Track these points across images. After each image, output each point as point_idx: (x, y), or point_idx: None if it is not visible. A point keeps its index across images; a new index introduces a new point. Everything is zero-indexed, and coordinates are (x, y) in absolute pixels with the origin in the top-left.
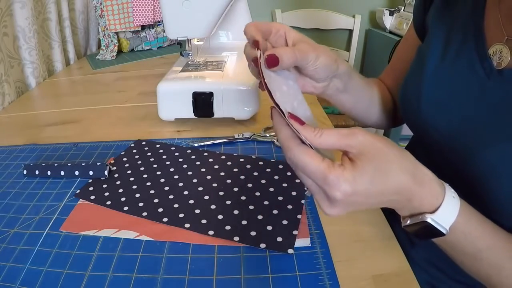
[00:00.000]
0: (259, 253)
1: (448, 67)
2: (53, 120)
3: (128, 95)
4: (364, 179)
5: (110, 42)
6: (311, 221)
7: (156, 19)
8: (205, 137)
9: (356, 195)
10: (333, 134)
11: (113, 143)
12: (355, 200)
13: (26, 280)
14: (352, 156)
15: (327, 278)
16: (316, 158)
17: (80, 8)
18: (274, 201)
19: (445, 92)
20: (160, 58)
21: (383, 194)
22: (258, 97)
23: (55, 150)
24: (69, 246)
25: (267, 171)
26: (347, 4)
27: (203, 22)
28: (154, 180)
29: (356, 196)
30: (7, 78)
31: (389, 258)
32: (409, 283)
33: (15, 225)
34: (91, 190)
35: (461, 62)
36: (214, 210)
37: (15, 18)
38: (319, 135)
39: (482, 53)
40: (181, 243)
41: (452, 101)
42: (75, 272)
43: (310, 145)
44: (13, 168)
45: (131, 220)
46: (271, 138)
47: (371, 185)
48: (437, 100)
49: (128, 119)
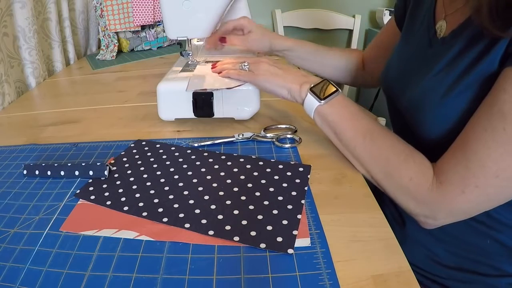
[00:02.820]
0: (259, 253)
1: (409, 47)
2: (53, 120)
3: (128, 95)
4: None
5: (110, 42)
6: (311, 221)
7: (156, 19)
8: (205, 137)
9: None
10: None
11: (113, 143)
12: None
13: (26, 280)
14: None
15: (327, 278)
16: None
17: (80, 8)
18: (274, 201)
19: (403, 65)
20: (160, 58)
21: (289, 68)
22: (258, 97)
23: (55, 150)
24: (69, 246)
25: (267, 171)
26: (347, 4)
27: (203, 22)
28: (154, 180)
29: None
30: (7, 78)
31: (389, 258)
32: (409, 283)
33: (15, 225)
34: (91, 190)
35: (418, 40)
36: (214, 210)
37: (15, 18)
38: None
39: (432, 30)
40: (181, 243)
41: (407, 72)
42: (75, 272)
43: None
44: (13, 168)
45: (131, 220)
46: (271, 138)
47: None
48: (397, 72)
49: (128, 119)
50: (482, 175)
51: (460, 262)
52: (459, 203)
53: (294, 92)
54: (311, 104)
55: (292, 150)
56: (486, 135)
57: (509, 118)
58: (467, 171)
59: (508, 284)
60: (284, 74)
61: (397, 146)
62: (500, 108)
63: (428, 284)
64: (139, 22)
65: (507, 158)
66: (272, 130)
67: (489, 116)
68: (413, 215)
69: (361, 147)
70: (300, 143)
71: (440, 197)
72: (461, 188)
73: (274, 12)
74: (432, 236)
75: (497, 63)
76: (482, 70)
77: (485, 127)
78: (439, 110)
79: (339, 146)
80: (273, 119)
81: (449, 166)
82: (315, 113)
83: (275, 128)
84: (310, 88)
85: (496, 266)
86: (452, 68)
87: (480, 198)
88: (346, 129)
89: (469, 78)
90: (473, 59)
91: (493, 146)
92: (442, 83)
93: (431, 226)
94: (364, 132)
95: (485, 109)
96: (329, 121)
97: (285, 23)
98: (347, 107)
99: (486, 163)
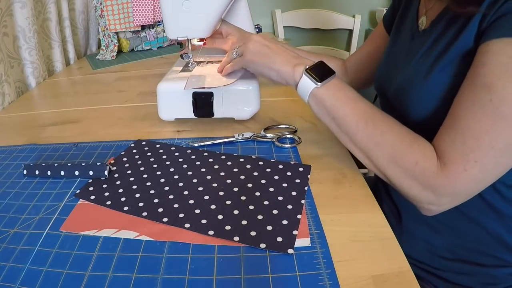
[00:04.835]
0: (259, 253)
1: (395, 46)
2: (53, 120)
3: (128, 95)
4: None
5: (110, 42)
6: (311, 221)
7: (156, 19)
8: (205, 137)
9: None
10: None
11: (113, 143)
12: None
13: (26, 280)
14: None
15: (327, 278)
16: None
17: (80, 8)
18: (274, 201)
19: (389, 62)
20: (160, 58)
21: (280, 47)
22: (258, 97)
23: (55, 150)
24: (69, 246)
25: (267, 171)
26: (347, 4)
27: (203, 22)
28: (154, 180)
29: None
30: (7, 78)
31: (389, 258)
32: (409, 283)
33: (15, 225)
34: (91, 190)
35: (403, 37)
36: (214, 210)
37: (15, 18)
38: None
39: (414, 25)
40: (181, 243)
41: (393, 66)
42: (75, 272)
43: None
44: (13, 168)
45: (131, 220)
46: (271, 138)
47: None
48: (385, 69)
49: (128, 119)
50: (478, 148)
51: (457, 252)
52: (463, 183)
53: (285, 74)
54: (307, 86)
55: (292, 150)
56: (475, 109)
57: (493, 89)
58: (464, 146)
59: (507, 274)
60: (273, 55)
61: (400, 130)
62: (483, 81)
63: (427, 278)
64: (139, 22)
65: (498, 128)
66: (272, 130)
67: (474, 91)
68: (416, 202)
69: (363, 133)
70: (300, 143)
71: (445, 179)
72: (463, 165)
73: (274, 12)
74: (429, 228)
75: (472, 40)
76: (459, 48)
77: (473, 101)
78: (423, 91)
79: (337, 132)
80: (273, 119)
81: (447, 145)
82: (311, 96)
83: (275, 128)
84: (306, 69)
85: (494, 255)
86: (432, 51)
87: (480, 174)
88: (346, 114)
89: (447, 57)
90: (450, 39)
91: (483, 118)
92: (423, 65)
93: (433, 212)
94: (365, 117)
95: (469, 84)
96: (327, 106)
97: (285, 23)
98: (345, 91)
99: (480, 136)
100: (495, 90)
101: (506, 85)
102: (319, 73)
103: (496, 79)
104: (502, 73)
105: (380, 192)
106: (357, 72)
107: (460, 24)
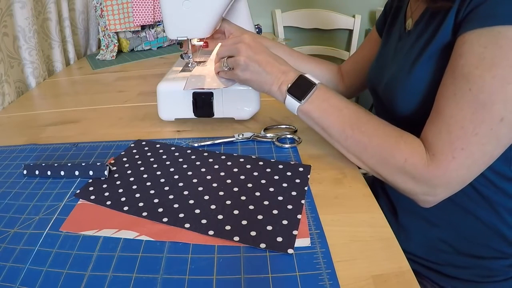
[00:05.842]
0: (259, 253)
1: (385, 48)
2: (53, 120)
3: (128, 95)
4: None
5: (110, 42)
6: (311, 221)
7: (156, 19)
8: (205, 137)
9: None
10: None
11: (113, 143)
12: (255, 58)
13: (26, 280)
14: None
15: (327, 278)
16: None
17: (80, 8)
18: (274, 201)
19: (380, 63)
20: (160, 58)
21: (269, 62)
22: (258, 97)
23: (55, 150)
24: (69, 246)
25: (267, 171)
26: (347, 4)
27: (203, 22)
28: (154, 180)
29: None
30: (7, 78)
31: (389, 258)
32: (409, 283)
33: (15, 225)
34: (91, 190)
35: (392, 39)
36: (214, 210)
37: (15, 18)
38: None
39: (402, 27)
40: (181, 243)
41: (383, 66)
42: (75, 272)
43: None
44: (13, 168)
45: (131, 220)
46: (271, 138)
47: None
48: (376, 70)
49: (128, 119)
50: (464, 136)
51: (454, 245)
52: (454, 170)
53: (273, 93)
54: (292, 105)
55: (292, 150)
56: (456, 99)
57: (471, 79)
58: (450, 135)
59: (505, 266)
60: (263, 72)
61: (385, 130)
62: (461, 72)
63: (425, 273)
64: (139, 22)
65: (479, 115)
66: (272, 130)
67: (454, 82)
68: (412, 195)
69: (351, 139)
70: (300, 143)
71: (436, 170)
72: (451, 153)
73: (274, 12)
74: (424, 221)
75: (450, 34)
76: (438, 43)
77: (454, 92)
78: (407, 86)
79: (328, 139)
80: (273, 119)
81: (434, 136)
82: (298, 112)
83: (275, 128)
84: (287, 90)
85: (491, 246)
86: (414, 48)
87: (467, 160)
88: (332, 124)
89: (428, 52)
90: (430, 35)
91: (465, 106)
92: (407, 62)
93: (430, 204)
94: (350, 123)
95: (449, 76)
96: (314, 118)
97: (285, 23)
98: (328, 100)
99: (464, 124)
100: (473, 79)
101: (482, 74)
102: (300, 90)
103: (474, 68)
104: (479, 63)
105: (376, 188)
106: (353, 77)
107: (438, 20)
